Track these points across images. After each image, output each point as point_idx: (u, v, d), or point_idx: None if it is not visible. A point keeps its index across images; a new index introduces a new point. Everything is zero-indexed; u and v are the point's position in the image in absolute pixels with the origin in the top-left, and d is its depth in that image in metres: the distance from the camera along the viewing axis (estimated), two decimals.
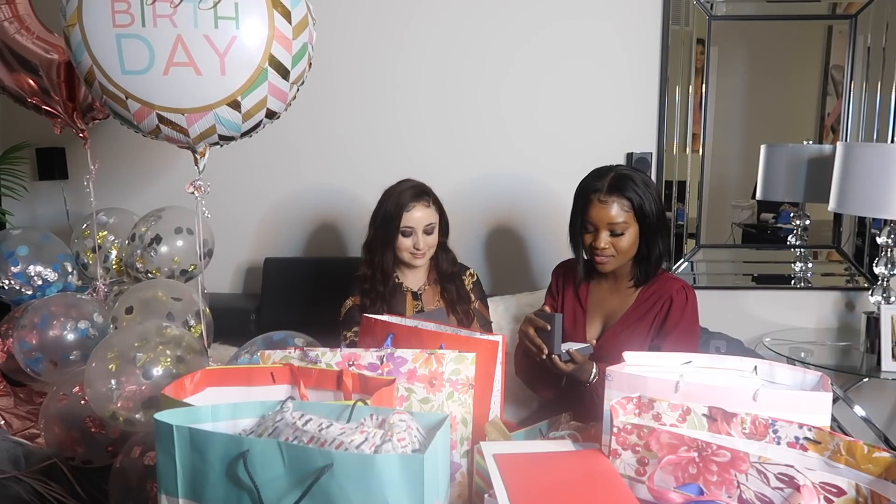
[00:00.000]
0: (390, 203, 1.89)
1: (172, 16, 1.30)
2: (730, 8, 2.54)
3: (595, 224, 1.62)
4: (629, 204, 1.60)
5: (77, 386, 1.71)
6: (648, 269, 1.68)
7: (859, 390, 2.43)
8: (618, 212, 1.59)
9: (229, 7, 1.33)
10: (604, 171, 1.65)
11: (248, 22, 1.36)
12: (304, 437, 0.84)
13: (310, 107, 2.62)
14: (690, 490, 0.91)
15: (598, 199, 1.61)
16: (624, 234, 1.61)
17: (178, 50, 1.32)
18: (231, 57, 1.35)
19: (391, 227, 1.88)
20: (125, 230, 2.21)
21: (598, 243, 1.61)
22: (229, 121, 1.42)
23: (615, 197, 1.60)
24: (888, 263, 2.37)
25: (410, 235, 1.88)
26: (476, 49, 2.59)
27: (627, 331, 1.67)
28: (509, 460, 1.01)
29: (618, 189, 1.60)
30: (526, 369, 1.76)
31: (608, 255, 1.63)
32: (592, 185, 1.63)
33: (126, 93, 1.36)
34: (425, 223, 1.89)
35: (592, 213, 1.62)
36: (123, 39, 1.32)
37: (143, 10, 1.30)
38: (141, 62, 1.33)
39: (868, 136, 2.54)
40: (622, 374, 1.05)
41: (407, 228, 1.88)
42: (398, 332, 1.33)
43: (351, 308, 1.93)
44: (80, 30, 1.33)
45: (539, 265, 2.66)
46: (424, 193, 1.91)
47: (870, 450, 0.85)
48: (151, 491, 1.42)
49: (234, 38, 1.35)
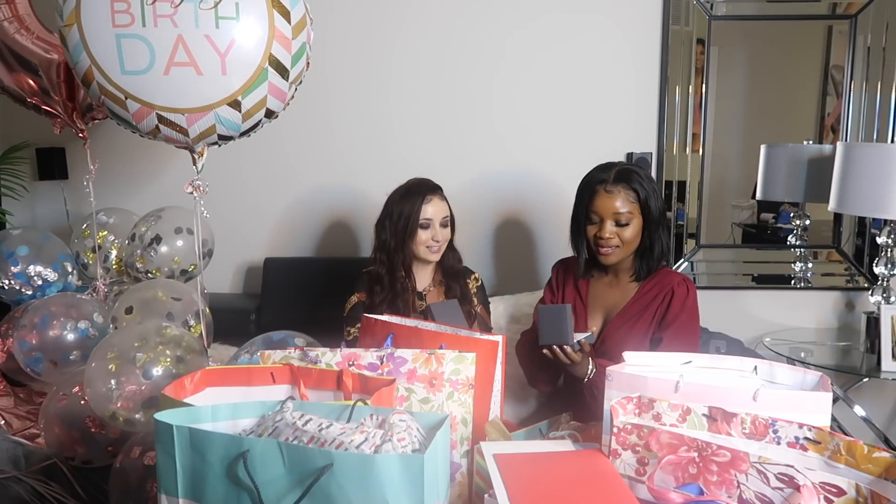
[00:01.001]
0: (405, 200, 1.91)
1: (173, 16, 1.30)
2: (730, 8, 2.54)
3: (601, 214, 1.64)
4: (635, 195, 1.63)
5: (77, 386, 1.71)
6: (651, 263, 1.69)
7: (859, 390, 2.43)
8: (623, 202, 1.62)
9: (230, 7, 1.33)
10: (609, 164, 1.69)
11: (249, 22, 1.36)
12: (304, 437, 0.84)
13: (308, 107, 2.62)
14: (690, 490, 0.91)
15: (604, 189, 1.64)
16: (629, 224, 1.63)
17: (178, 50, 1.32)
18: (232, 57, 1.36)
19: (410, 221, 1.89)
20: (125, 230, 2.21)
21: (604, 233, 1.64)
22: (229, 121, 1.43)
23: (621, 187, 1.63)
24: (888, 263, 2.36)
25: (429, 228, 1.90)
26: (475, 49, 2.59)
27: (628, 324, 1.68)
28: (509, 460, 1.01)
29: (624, 179, 1.63)
30: (529, 359, 1.75)
31: (613, 246, 1.65)
32: (598, 176, 1.66)
33: (125, 93, 1.36)
34: (442, 215, 1.92)
35: (598, 202, 1.64)
36: (123, 39, 1.31)
37: (143, 10, 1.30)
38: (141, 62, 1.33)
39: (868, 136, 2.54)
40: (622, 374, 1.05)
41: (426, 221, 1.89)
42: (398, 332, 1.33)
43: (356, 304, 1.94)
44: (78, 30, 1.33)
45: (539, 265, 2.66)
46: (438, 187, 1.95)
47: (870, 450, 0.85)
48: (151, 491, 1.42)
49: (234, 38, 1.35)
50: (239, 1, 1.34)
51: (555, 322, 1.51)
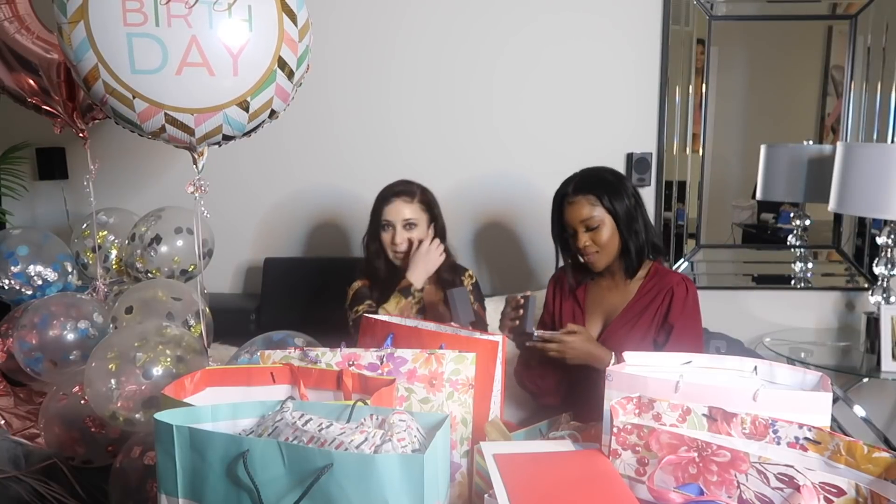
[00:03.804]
0: (376, 202, 1.96)
1: (187, 16, 1.31)
2: (730, 8, 2.54)
3: (571, 225, 1.69)
4: (595, 198, 1.67)
5: (77, 386, 1.71)
6: (632, 259, 1.70)
7: (859, 390, 2.43)
8: (588, 208, 1.66)
9: (243, 9, 1.35)
10: (572, 175, 1.74)
11: (260, 24, 1.38)
12: (304, 437, 0.84)
13: (308, 108, 2.62)
14: (690, 490, 0.91)
15: (567, 202, 1.70)
16: (599, 227, 1.67)
17: (192, 50, 1.32)
18: (244, 58, 1.37)
19: (373, 221, 1.95)
20: (125, 230, 2.21)
21: (579, 243, 1.68)
22: (236, 121, 1.44)
23: (580, 196, 1.68)
24: (888, 263, 2.36)
25: (388, 230, 1.91)
26: (475, 49, 2.59)
27: (628, 326, 1.68)
28: (509, 460, 1.01)
29: (582, 189, 1.68)
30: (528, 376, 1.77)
31: (593, 252, 1.68)
32: (561, 190, 1.73)
33: (134, 92, 1.35)
34: (403, 217, 1.91)
35: (565, 215, 1.70)
36: (135, 38, 1.32)
37: (156, 9, 1.30)
38: (153, 62, 1.33)
39: (868, 136, 2.54)
40: (622, 374, 1.05)
41: (385, 222, 1.92)
42: (398, 332, 1.33)
43: (360, 288, 1.97)
44: (84, 27, 1.33)
45: (539, 265, 2.66)
46: (408, 191, 1.94)
47: (870, 450, 0.85)
48: (151, 491, 1.42)
49: (247, 39, 1.37)
50: (251, 3, 1.36)
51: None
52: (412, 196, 1.93)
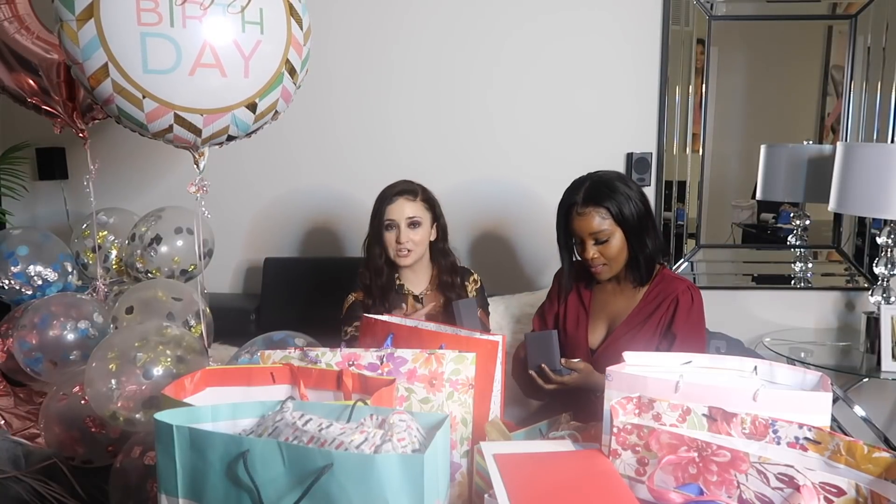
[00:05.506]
0: (377, 202, 1.92)
1: (202, 17, 1.32)
2: (730, 8, 2.54)
3: (579, 235, 1.65)
4: (607, 212, 1.61)
5: (77, 386, 1.71)
6: (642, 270, 1.67)
7: (859, 390, 2.43)
8: (598, 221, 1.61)
9: (255, 12, 1.37)
10: (579, 182, 1.67)
11: (271, 27, 1.40)
12: (304, 437, 0.84)
13: (308, 109, 2.63)
14: (690, 490, 0.91)
15: (576, 212, 1.63)
16: (609, 240, 1.62)
17: (206, 51, 1.33)
18: (255, 60, 1.39)
19: (376, 222, 1.91)
20: (125, 230, 2.21)
21: (587, 255, 1.63)
22: (243, 122, 1.45)
23: (591, 207, 1.61)
24: (888, 263, 2.36)
25: (393, 229, 1.88)
26: (474, 50, 2.59)
27: (632, 332, 1.67)
28: (509, 460, 1.01)
29: (594, 199, 1.62)
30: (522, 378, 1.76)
31: (600, 264, 1.64)
32: (570, 198, 1.65)
33: (144, 91, 1.36)
34: (407, 216, 1.88)
35: (574, 225, 1.64)
36: (149, 38, 1.32)
37: (171, 10, 1.31)
38: (166, 62, 1.33)
39: (868, 136, 2.54)
40: (622, 374, 1.05)
41: (389, 222, 1.88)
42: (398, 332, 1.33)
43: (353, 303, 1.94)
44: (95, 25, 1.32)
45: (539, 265, 2.66)
46: (410, 190, 1.92)
47: (870, 450, 0.85)
48: (151, 491, 1.42)
49: (258, 42, 1.38)
50: (263, 6, 1.37)
51: (541, 347, 1.58)
52: (415, 195, 1.91)
